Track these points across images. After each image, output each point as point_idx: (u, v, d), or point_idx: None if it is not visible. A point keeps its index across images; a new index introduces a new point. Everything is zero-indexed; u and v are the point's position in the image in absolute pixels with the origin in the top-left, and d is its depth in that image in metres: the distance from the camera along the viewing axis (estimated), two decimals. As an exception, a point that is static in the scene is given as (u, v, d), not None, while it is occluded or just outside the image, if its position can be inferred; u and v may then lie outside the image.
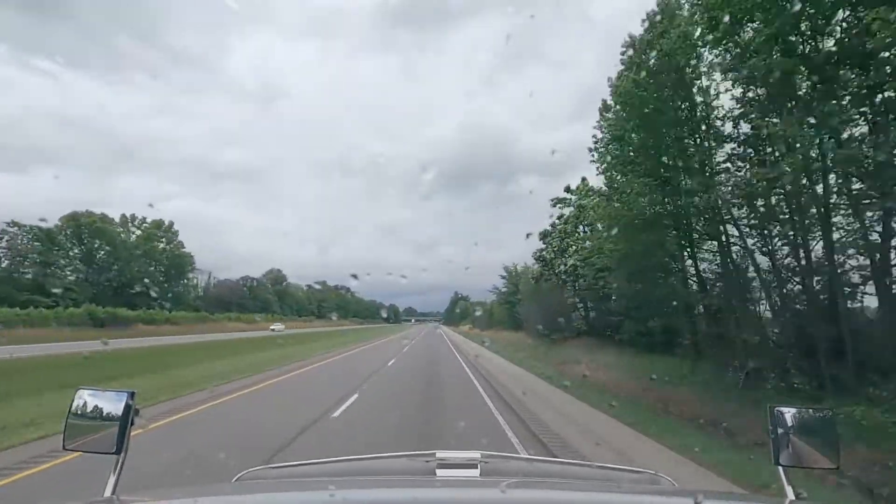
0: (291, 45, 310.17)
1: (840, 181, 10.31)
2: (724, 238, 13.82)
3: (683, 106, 13.77)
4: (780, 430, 1.45)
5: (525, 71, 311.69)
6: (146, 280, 64.52)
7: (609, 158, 16.06)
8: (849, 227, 10.85)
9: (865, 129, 9.96)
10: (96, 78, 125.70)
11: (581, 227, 28.76)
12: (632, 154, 14.84)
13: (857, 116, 9.76)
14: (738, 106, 12.40)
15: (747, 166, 12.72)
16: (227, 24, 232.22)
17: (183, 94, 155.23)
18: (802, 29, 9.98)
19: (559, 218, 30.45)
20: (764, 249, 12.85)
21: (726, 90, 12.48)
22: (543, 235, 30.70)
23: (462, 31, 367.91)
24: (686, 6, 12.90)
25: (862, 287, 10.87)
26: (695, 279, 15.96)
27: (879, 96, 9.11)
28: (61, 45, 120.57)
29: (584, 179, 29.14)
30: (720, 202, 12.37)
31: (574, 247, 27.37)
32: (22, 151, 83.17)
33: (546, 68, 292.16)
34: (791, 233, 11.71)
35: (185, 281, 73.42)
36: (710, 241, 14.96)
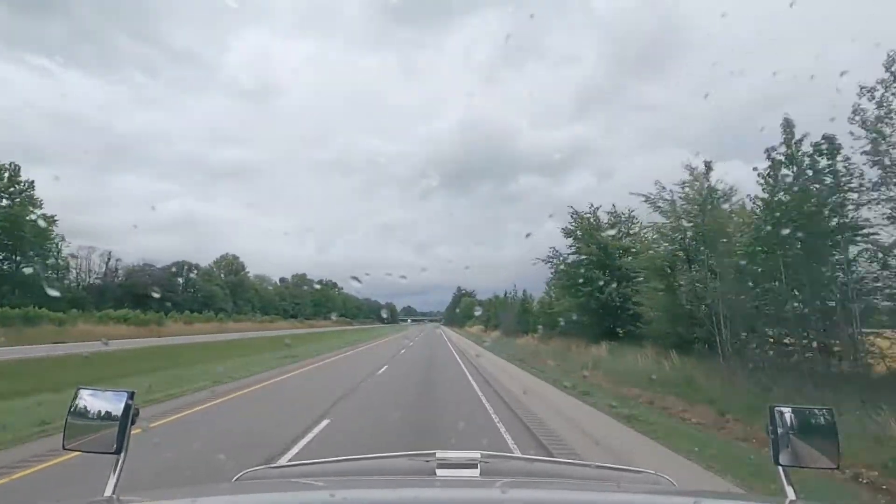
0: (289, 42, 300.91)
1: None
2: None
3: None
4: (779, 430, 1.41)
5: (526, 69, 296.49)
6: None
7: None
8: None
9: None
10: (92, 75, 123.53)
11: None
12: None
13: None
14: None
15: None
16: (225, 21, 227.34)
17: (181, 91, 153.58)
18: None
19: None
20: None
21: None
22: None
23: (462, 28, 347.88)
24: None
25: None
26: None
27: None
28: (56, 43, 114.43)
29: None
30: None
31: None
32: (17, 149, 76.28)
33: (547, 65, 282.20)
34: None
35: (54, 259, 47.36)
36: None
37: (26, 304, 36.58)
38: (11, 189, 43.04)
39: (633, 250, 20.71)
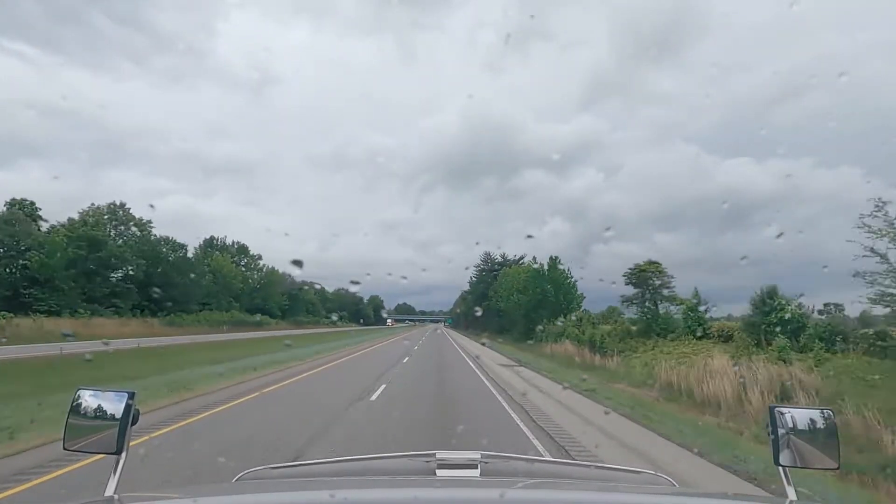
0: (290, 36, 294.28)
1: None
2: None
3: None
4: (780, 430, 1.40)
5: (530, 64, 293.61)
6: None
7: None
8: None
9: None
10: (77, 64, 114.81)
11: None
12: None
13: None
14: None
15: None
16: (215, 5, 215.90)
17: (175, 83, 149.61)
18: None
19: None
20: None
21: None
22: None
23: (465, 22, 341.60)
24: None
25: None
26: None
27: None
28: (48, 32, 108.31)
29: None
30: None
31: None
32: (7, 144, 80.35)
33: (553, 56, 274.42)
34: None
35: None
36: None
37: None
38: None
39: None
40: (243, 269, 75.60)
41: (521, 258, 62.50)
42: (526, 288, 38.41)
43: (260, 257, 79.42)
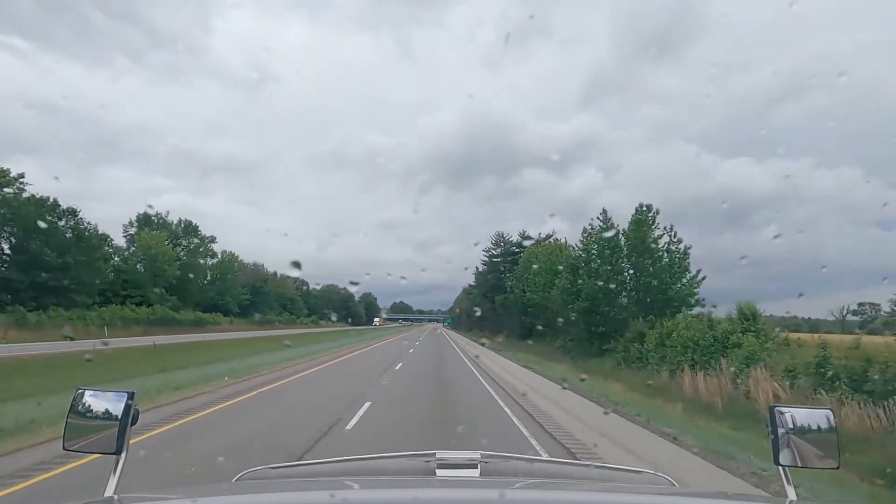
0: (287, 33, 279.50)
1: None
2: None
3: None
4: (780, 430, 1.38)
5: (529, 62, 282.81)
6: None
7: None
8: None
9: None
10: (71, 59, 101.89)
11: None
12: None
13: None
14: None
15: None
16: (215, 8, 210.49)
17: (172, 81, 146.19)
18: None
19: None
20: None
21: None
22: None
23: (465, 19, 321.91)
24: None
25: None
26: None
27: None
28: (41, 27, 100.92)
29: None
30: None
31: None
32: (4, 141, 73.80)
33: (552, 56, 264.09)
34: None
35: None
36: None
37: None
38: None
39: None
40: (192, 253, 58.88)
41: (550, 236, 45.95)
42: (590, 264, 22.66)
43: (214, 240, 62.62)
